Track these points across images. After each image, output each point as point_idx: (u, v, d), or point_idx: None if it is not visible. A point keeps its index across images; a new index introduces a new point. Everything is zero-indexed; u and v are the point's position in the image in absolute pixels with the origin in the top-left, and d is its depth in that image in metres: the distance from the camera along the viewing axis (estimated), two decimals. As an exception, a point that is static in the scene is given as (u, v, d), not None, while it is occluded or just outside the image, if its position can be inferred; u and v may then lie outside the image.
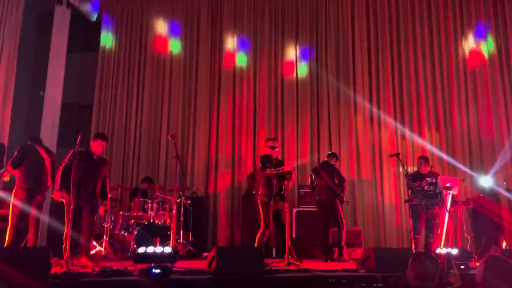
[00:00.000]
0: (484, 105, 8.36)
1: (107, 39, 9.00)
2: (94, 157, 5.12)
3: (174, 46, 8.94)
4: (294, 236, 7.23)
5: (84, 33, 9.65)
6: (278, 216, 5.64)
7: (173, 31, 8.99)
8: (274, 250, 7.46)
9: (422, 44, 8.72)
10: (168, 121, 8.57)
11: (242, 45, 8.88)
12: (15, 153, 5.23)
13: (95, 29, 9.17)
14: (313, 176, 6.60)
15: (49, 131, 8.10)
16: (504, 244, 7.00)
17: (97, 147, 5.14)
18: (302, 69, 8.73)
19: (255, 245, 5.55)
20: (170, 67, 8.83)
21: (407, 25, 8.78)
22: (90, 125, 8.50)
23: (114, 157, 8.29)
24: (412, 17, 8.80)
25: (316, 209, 6.76)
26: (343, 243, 6.31)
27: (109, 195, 5.58)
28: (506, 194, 7.08)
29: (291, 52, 8.82)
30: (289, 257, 5.38)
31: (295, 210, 7.49)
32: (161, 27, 9.01)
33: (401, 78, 8.62)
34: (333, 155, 6.77)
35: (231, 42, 8.88)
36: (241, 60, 8.82)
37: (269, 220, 5.56)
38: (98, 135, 5.33)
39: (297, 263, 5.25)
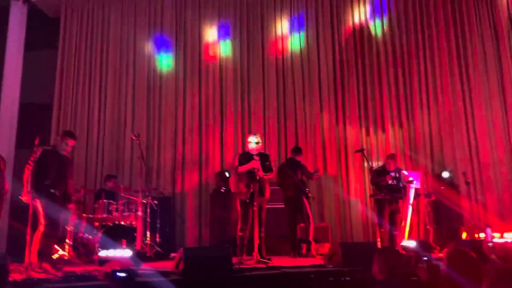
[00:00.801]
0: (444, 98, 8.66)
1: (67, 36, 8.66)
2: (63, 157, 4.92)
3: (138, 43, 8.72)
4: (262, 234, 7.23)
5: (42, 30, 9.25)
6: (255, 214, 5.60)
7: (135, 26, 8.77)
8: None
9: (383, 41, 8.92)
10: (132, 120, 8.35)
11: (206, 38, 8.77)
12: None
13: (54, 26, 8.81)
14: (280, 173, 6.63)
15: (7, 131, 7.74)
16: (464, 235, 7.29)
17: (65, 146, 4.93)
18: (268, 65, 8.74)
19: (237, 245, 5.52)
20: (134, 64, 8.61)
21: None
22: (50, 125, 8.18)
23: (76, 157, 7.99)
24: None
25: (282, 206, 6.80)
26: (310, 239, 6.37)
27: (73, 198, 5.39)
28: (465, 186, 7.35)
29: (258, 47, 8.80)
30: (259, 255, 5.39)
31: (263, 207, 7.48)
32: (123, 23, 8.77)
33: (364, 76, 8.80)
34: (296, 150, 6.81)
35: (196, 38, 8.76)
36: (206, 56, 8.71)
37: (248, 216, 5.55)
38: (67, 133, 5.12)
39: (266, 261, 5.27)
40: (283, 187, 6.57)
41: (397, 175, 6.59)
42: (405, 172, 6.74)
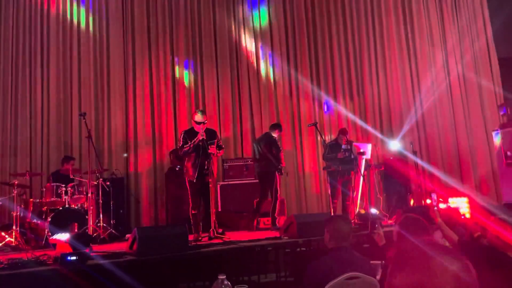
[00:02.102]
0: (392, 72, 8.92)
1: (2, 11, 7.98)
2: None
3: (81, 19, 8.21)
4: (219, 210, 7.26)
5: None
6: (204, 192, 5.60)
7: (78, 4, 8.21)
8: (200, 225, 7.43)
9: (335, 14, 8.98)
10: (79, 98, 7.88)
11: (155, 17, 8.42)
12: None
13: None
14: (255, 148, 6.64)
15: None
16: (412, 202, 7.66)
17: None
18: (222, 41, 8.58)
19: (192, 223, 5.51)
20: (78, 41, 8.10)
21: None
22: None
23: (19, 140, 7.57)
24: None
25: (240, 181, 6.84)
26: (276, 214, 6.48)
27: None
28: (412, 156, 7.68)
29: (209, 27, 8.59)
30: (214, 231, 5.40)
31: (219, 184, 7.49)
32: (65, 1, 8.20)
33: (316, 50, 8.87)
34: (275, 126, 6.78)
35: (144, 15, 8.38)
36: (156, 33, 8.39)
37: (197, 198, 5.58)
38: None
39: (221, 236, 5.30)
40: (257, 162, 6.58)
41: (349, 147, 6.76)
42: (356, 144, 6.92)
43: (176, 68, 8.36)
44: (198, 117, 5.60)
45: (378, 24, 9.06)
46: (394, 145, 8.19)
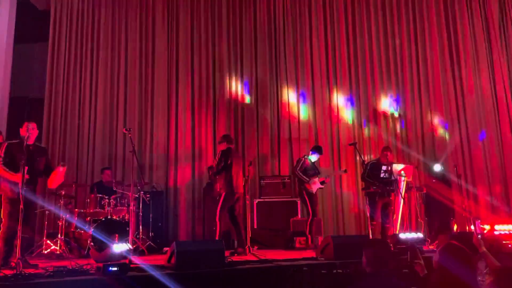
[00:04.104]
0: (435, 92, 8.68)
1: (57, 28, 8.56)
2: (30, 146, 4.77)
3: (129, 36, 8.64)
4: (255, 227, 7.27)
5: (32, 23, 9.13)
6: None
7: (127, 20, 8.68)
8: (235, 242, 7.48)
9: (376, 30, 8.89)
10: (124, 114, 8.29)
11: (198, 34, 8.71)
12: None
13: (44, 19, 8.70)
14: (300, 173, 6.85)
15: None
16: (455, 227, 7.36)
17: (27, 133, 4.71)
18: (262, 60, 8.69)
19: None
20: (125, 58, 8.53)
21: (362, 11, 8.93)
22: (42, 119, 8.10)
23: (67, 152, 7.97)
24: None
25: (275, 199, 7.18)
26: (307, 233, 6.50)
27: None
28: (456, 179, 7.41)
29: (249, 43, 8.74)
30: (250, 248, 5.42)
31: (256, 201, 7.51)
32: (114, 15, 8.68)
33: (357, 68, 8.78)
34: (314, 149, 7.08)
35: (188, 33, 8.69)
36: (199, 49, 8.65)
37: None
38: (25, 120, 4.95)
39: (257, 254, 5.30)
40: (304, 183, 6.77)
41: (389, 168, 6.62)
42: (396, 166, 6.77)
43: (217, 83, 8.53)
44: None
45: (420, 41, 8.87)
46: (437, 168, 7.94)
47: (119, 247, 4.59)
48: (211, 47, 8.67)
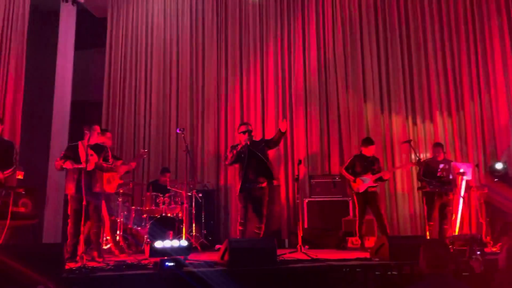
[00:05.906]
0: (496, 84, 8.15)
1: (113, 35, 9.00)
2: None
3: (180, 39, 8.90)
4: (306, 226, 7.22)
5: (91, 30, 9.64)
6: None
7: (178, 24, 8.95)
8: (286, 241, 7.48)
9: (431, 25, 8.52)
10: (176, 114, 8.57)
11: (248, 34, 8.78)
12: None
13: (101, 26, 9.17)
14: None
15: (60, 128, 8.16)
16: (519, 229, 6.91)
17: None
18: (310, 58, 8.60)
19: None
20: (177, 59, 8.80)
21: (416, 7, 8.60)
22: (100, 122, 8.53)
23: (124, 153, 8.34)
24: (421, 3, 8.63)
25: (326, 198, 7.11)
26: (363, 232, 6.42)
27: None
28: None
29: (298, 42, 8.70)
30: (302, 247, 5.39)
31: (306, 200, 7.45)
32: (166, 20, 8.97)
33: (411, 63, 8.45)
34: (367, 142, 6.69)
35: (237, 32, 8.79)
36: (248, 50, 8.73)
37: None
38: None
39: (309, 253, 5.26)
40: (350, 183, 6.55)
41: (447, 167, 6.34)
42: (455, 163, 6.47)
43: (265, 87, 8.56)
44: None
45: (479, 31, 8.38)
46: (499, 166, 7.47)
47: (175, 244, 4.74)
48: (259, 46, 8.70)
